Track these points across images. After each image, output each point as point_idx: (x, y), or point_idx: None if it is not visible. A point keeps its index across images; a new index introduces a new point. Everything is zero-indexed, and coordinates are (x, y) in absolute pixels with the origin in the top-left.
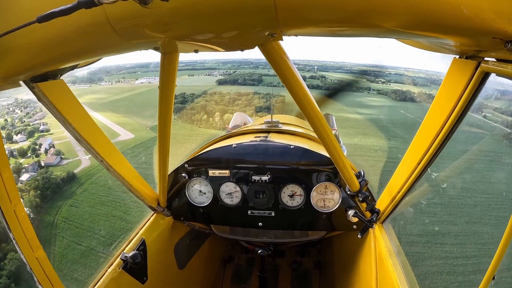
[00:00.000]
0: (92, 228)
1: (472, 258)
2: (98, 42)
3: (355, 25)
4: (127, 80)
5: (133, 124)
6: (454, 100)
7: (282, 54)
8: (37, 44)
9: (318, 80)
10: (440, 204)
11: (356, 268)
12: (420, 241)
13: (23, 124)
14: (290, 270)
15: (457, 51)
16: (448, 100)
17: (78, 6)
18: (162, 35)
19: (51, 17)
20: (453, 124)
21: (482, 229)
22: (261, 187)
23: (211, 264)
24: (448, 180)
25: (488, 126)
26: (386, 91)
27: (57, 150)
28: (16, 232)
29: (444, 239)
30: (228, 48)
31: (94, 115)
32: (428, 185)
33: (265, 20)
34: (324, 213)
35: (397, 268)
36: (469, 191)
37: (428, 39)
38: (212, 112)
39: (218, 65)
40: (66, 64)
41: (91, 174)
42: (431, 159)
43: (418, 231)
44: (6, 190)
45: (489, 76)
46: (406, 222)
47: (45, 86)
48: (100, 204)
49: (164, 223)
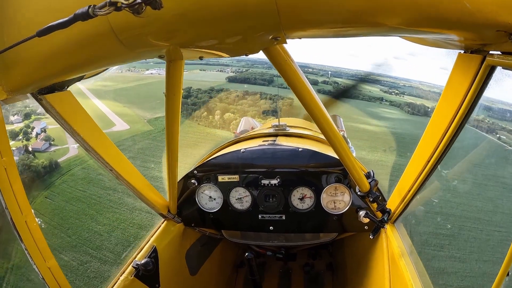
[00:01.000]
0: (60, 226)
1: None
2: (103, 52)
3: (359, 25)
4: (138, 70)
5: (131, 115)
6: (461, 95)
7: (287, 57)
8: (42, 57)
9: (331, 86)
10: (449, 236)
11: (369, 269)
12: (433, 241)
13: (22, 105)
14: (303, 273)
15: (462, 46)
16: (455, 96)
17: (74, 19)
18: (167, 42)
19: (49, 31)
20: (461, 119)
21: (493, 269)
22: (271, 191)
23: (223, 269)
24: (458, 208)
25: (502, 149)
26: (399, 103)
27: (47, 136)
28: (28, 242)
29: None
30: (233, 53)
31: (95, 102)
32: (439, 183)
33: (268, 23)
34: (335, 214)
35: (410, 268)
36: (481, 222)
37: (432, 35)
38: (213, 109)
39: (232, 62)
40: (72, 76)
41: (75, 164)
42: (441, 156)
43: (431, 230)
44: (17, 202)
45: (495, 69)
46: (418, 221)
47: (52, 98)
48: (75, 200)
49: (175, 230)
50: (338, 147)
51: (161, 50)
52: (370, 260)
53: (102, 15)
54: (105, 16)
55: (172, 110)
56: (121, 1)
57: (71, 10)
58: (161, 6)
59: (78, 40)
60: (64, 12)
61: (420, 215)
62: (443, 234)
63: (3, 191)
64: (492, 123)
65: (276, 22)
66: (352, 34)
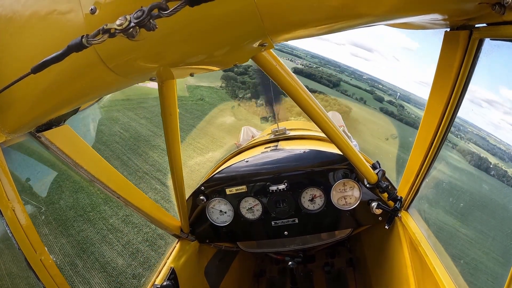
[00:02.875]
0: None
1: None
2: (96, 82)
3: (342, 19)
4: None
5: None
6: (454, 72)
7: (276, 62)
8: (36, 94)
9: (395, 108)
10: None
11: (389, 259)
12: (449, 221)
13: None
14: (324, 273)
15: (447, 24)
16: (448, 74)
17: (68, 51)
18: (156, 64)
19: (44, 66)
20: (458, 95)
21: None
22: (280, 196)
23: (244, 280)
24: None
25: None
26: (463, 149)
27: None
28: (46, 281)
29: None
30: (222, 65)
31: None
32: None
33: (253, 30)
34: (347, 210)
35: (430, 252)
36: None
37: (417, 18)
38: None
39: (305, 56)
40: (67, 110)
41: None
42: (444, 135)
43: (445, 210)
44: (29, 241)
45: (483, 42)
46: (431, 204)
47: (51, 134)
48: None
49: (190, 249)
50: (340, 143)
51: (152, 73)
52: (389, 250)
53: (96, 43)
54: (92, 47)
55: (171, 130)
56: (114, 27)
57: (64, 43)
58: (156, 27)
59: (70, 73)
60: (57, 46)
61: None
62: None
63: (15, 232)
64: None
65: (260, 27)
66: (338, 29)
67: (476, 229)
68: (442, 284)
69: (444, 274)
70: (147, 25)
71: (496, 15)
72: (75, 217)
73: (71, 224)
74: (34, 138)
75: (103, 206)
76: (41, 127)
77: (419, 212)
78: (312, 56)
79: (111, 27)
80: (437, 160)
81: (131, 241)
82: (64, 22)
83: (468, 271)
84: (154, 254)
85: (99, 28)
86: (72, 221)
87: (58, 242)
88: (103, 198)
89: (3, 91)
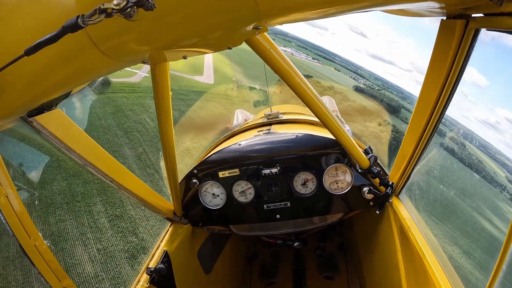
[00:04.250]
0: None
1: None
2: (88, 66)
3: (338, 3)
4: (274, 42)
5: (228, 74)
6: (449, 61)
7: (270, 45)
8: (26, 78)
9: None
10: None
11: (380, 244)
12: (438, 208)
13: None
14: (315, 257)
15: (444, 12)
16: (442, 62)
17: (63, 32)
18: (148, 47)
19: (38, 47)
20: (452, 84)
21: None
22: (273, 179)
23: (237, 263)
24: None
25: None
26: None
27: None
28: (41, 266)
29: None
30: (216, 48)
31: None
32: (437, 151)
33: (248, 13)
34: (339, 195)
35: (419, 237)
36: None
37: (414, 5)
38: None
39: (369, 77)
40: (59, 93)
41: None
42: (437, 121)
43: (435, 197)
44: (23, 227)
45: (479, 32)
46: (422, 190)
47: (42, 118)
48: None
49: (183, 232)
50: (333, 127)
51: (145, 55)
52: (380, 235)
53: (93, 23)
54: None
55: (163, 114)
56: (111, 7)
57: (57, 24)
58: (154, 6)
59: (60, 57)
60: (50, 28)
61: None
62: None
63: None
64: None
65: (255, 10)
66: (333, 14)
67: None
68: (431, 270)
69: (433, 260)
70: (145, 5)
71: (493, 6)
72: (61, 204)
73: (53, 210)
74: (25, 123)
75: (96, 198)
76: (32, 112)
77: (410, 198)
78: (375, 78)
79: (108, 6)
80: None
81: (108, 248)
82: (56, 3)
83: (457, 257)
84: (130, 270)
85: (95, 8)
86: (55, 207)
87: None
88: (97, 190)
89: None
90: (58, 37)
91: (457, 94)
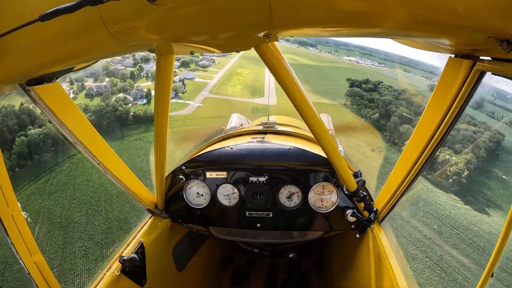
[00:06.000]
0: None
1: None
2: (94, 44)
3: (351, 26)
4: (337, 54)
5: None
6: (450, 98)
7: (278, 55)
8: (32, 46)
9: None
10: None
11: (355, 268)
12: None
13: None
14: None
15: (453, 50)
16: (444, 99)
17: (83, 3)
18: (158, 36)
19: (55, 14)
20: (449, 122)
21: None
22: (259, 188)
23: (210, 265)
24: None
25: None
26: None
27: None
28: (14, 236)
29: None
30: (224, 49)
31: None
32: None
33: (261, 21)
34: (322, 213)
35: (396, 268)
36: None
37: (424, 39)
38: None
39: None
40: (61, 67)
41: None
42: (428, 158)
43: (416, 231)
44: (3, 195)
45: (484, 74)
46: (404, 221)
47: (41, 89)
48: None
49: (162, 226)
50: (327, 146)
51: (152, 44)
52: (357, 258)
53: (113, 0)
54: (96, 7)
55: (161, 104)
56: None
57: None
58: None
59: (69, 30)
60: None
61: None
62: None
63: None
64: None
65: (269, 19)
66: (345, 35)
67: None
68: None
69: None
70: None
71: (502, 51)
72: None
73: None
74: (23, 90)
75: (82, 217)
76: (32, 81)
77: (391, 227)
78: None
79: None
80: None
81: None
82: None
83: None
84: None
85: None
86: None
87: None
88: (86, 214)
89: (3, 36)
90: (77, 7)
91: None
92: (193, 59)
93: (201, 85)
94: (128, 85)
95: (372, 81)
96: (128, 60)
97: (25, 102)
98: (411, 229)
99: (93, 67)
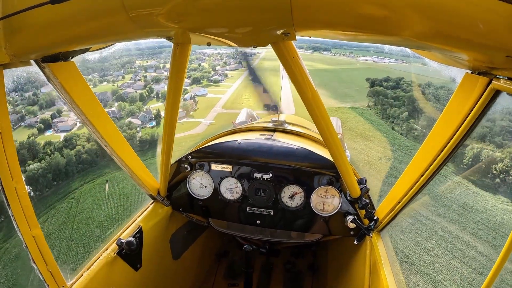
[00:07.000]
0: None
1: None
2: (112, 27)
3: (369, 31)
4: (352, 55)
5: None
6: (463, 115)
7: (294, 54)
8: (50, 24)
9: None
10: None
11: (350, 274)
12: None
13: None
14: (284, 271)
15: (470, 66)
16: (456, 114)
17: None
18: (176, 25)
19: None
20: (459, 139)
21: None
22: (262, 185)
23: (206, 257)
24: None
25: None
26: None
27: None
28: (15, 209)
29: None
30: (241, 43)
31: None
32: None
33: (280, 18)
34: (323, 216)
35: (390, 278)
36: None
37: (442, 52)
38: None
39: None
40: (77, 47)
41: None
42: (434, 173)
43: (415, 244)
44: (8, 167)
45: (499, 94)
46: (404, 233)
47: (55, 67)
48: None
49: (162, 213)
50: (334, 150)
51: (170, 32)
52: (352, 265)
53: None
54: None
55: (174, 93)
56: None
57: None
58: None
59: (88, 11)
60: None
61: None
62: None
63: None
64: None
65: (288, 18)
66: (362, 40)
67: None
68: None
69: None
70: None
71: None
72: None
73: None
74: (38, 67)
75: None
76: (47, 58)
77: (390, 238)
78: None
79: None
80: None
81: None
82: None
83: None
84: None
85: None
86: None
87: None
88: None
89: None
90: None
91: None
92: (205, 75)
93: (213, 101)
94: (136, 108)
95: (393, 78)
96: (139, 83)
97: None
98: (463, 246)
99: (104, 93)
